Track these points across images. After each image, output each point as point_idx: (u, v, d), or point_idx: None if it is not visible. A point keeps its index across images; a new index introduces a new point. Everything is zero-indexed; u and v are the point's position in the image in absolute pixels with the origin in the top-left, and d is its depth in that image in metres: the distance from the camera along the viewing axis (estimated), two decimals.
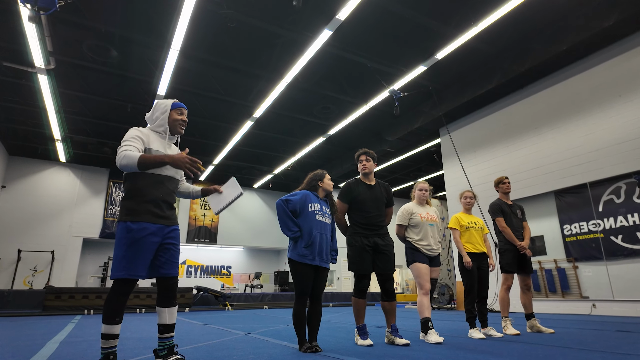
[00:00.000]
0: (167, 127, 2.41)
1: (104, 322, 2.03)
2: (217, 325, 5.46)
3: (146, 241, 2.13)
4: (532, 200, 8.81)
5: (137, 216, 2.15)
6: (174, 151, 2.46)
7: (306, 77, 8.89)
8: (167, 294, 2.26)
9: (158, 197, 2.24)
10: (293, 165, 14.94)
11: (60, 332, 4.59)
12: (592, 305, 7.48)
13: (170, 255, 2.27)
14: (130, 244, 2.09)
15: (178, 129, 2.45)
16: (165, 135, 2.41)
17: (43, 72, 8.18)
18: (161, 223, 2.23)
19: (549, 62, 8.01)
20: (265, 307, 11.02)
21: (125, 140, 2.24)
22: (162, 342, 2.23)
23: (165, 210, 2.27)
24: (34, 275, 13.19)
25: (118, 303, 2.07)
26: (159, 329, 2.24)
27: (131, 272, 2.07)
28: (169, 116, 2.42)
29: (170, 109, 2.44)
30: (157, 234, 2.19)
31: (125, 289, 2.09)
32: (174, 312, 2.29)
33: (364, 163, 3.66)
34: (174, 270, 2.28)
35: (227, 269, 18.37)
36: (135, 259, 2.09)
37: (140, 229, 2.12)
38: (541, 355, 2.71)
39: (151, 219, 2.18)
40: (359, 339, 3.38)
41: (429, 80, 9.15)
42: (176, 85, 9.13)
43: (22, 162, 13.84)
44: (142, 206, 2.18)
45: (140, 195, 2.21)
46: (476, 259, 4.13)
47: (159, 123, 2.40)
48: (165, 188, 2.29)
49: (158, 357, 2.21)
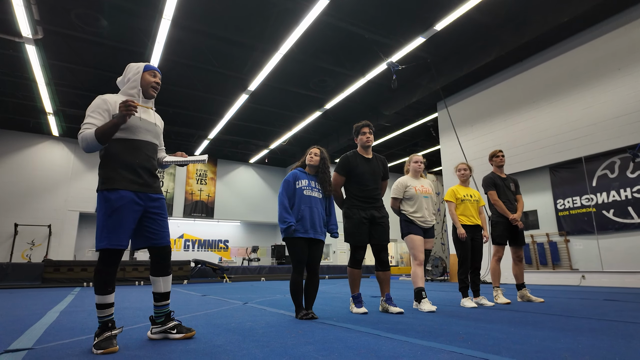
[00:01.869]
0: (140, 88, 2.30)
1: (96, 292, 2.04)
2: (215, 296, 5.56)
3: (125, 209, 2.07)
4: (527, 175, 8.87)
5: (113, 184, 2.07)
6: (150, 115, 2.35)
7: (302, 49, 8.69)
8: (160, 263, 2.26)
9: (134, 162, 2.15)
10: (289, 140, 14.85)
11: (60, 303, 4.67)
12: (582, 277, 7.68)
13: (159, 224, 2.23)
14: (109, 213, 2.04)
15: (151, 92, 2.33)
16: (139, 97, 2.30)
17: (31, 42, 7.94)
18: (141, 191, 2.15)
19: (548, 35, 7.87)
20: (262, 279, 11.22)
21: (86, 115, 2.13)
22: (158, 310, 2.26)
23: (145, 177, 2.19)
24: (32, 249, 13.28)
25: (107, 273, 2.05)
26: (155, 297, 2.27)
27: (113, 242, 2.02)
28: (141, 77, 2.31)
29: (142, 70, 2.32)
30: (137, 202, 2.13)
31: (111, 259, 2.06)
32: (169, 281, 2.30)
33: (368, 135, 3.64)
34: (164, 239, 2.26)
35: (225, 242, 18.57)
36: (116, 229, 2.03)
37: (118, 197, 2.06)
38: (530, 322, 2.80)
39: (129, 186, 2.10)
40: (354, 307, 3.46)
41: (427, 52, 8.98)
42: (169, 56, 8.91)
43: (14, 136, 13.66)
44: (118, 173, 2.10)
45: (115, 162, 2.12)
46: (470, 231, 4.19)
47: (131, 85, 2.29)
48: (141, 154, 2.20)
49: (155, 324, 2.25)
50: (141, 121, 2.25)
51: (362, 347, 1.99)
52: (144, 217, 2.20)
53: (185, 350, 1.93)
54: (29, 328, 2.71)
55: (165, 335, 2.22)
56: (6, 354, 1.89)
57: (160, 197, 2.29)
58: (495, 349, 1.89)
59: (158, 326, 2.24)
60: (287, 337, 2.26)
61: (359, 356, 1.78)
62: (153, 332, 2.25)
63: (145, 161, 2.21)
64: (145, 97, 2.34)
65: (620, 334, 2.29)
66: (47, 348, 2.03)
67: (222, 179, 17.84)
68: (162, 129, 2.49)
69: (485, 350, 1.87)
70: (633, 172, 7.15)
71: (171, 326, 2.22)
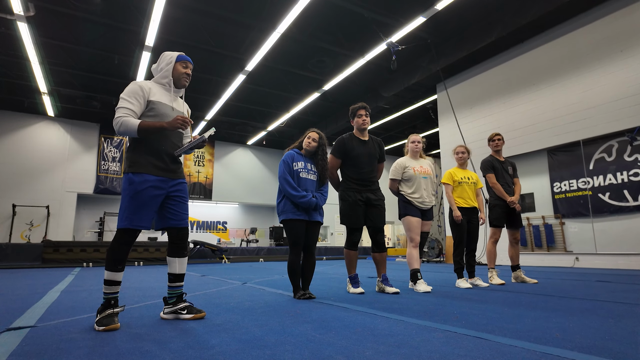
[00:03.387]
0: (171, 78, 2.36)
1: (106, 269, 2.10)
2: (214, 276, 5.63)
3: (148, 193, 2.15)
4: (525, 158, 8.88)
5: (139, 168, 2.16)
6: (180, 105, 2.44)
7: (300, 28, 8.53)
8: (177, 244, 2.32)
9: (160, 149, 2.23)
10: (287, 122, 14.75)
11: (61, 283, 4.72)
12: (576, 259, 7.80)
13: (179, 206, 2.31)
14: (132, 195, 2.12)
15: (182, 82, 2.39)
16: (170, 87, 2.36)
17: (23, 20, 7.75)
18: (164, 176, 2.23)
19: (550, 15, 7.74)
20: (261, 260, 11.35)
21: (122, 99, 2.18)
22: (171, 291, 2.32)
23: (169, 164, 2.27)
24: (31, 230, 13.33)
25: (120, 251, 2.12)
26: (169, 277, 2.33)
27: (134, 223, 2.11)
28: (173, 68, 2.37)
29: (175, 60, 2.38)
30: (160, 187, 2.20)
31: (127, 238, 2.13)
32: (184, 263, 2.36)
33: (364, 118, 3.60)
34: (183, 221, 2.33)
35: (223, 224, 18.68)
36: (137, 211, 2.12)
37: (141, 181, 2.14)
38: (524, 302, 2.86)
39: (153, 171, 2.19)
40: (350, 287, 3.52)
41: (427, 32, 8.83)
42: (165, 35, 8.74)
43: (9, 116, 13.50)
44: (144, 158, 2.19)
45: (143, 147, 2.21)
46: (466, 213, 4.23)
47: (163, 74, 2.36)
48: (169, 141, 2.28)
49: (167, 305, 2.31)
50: (173, 111, 2.34)
51: (358, 325, 2.03)
52: (166, 199, 2.27)
53: (184, 329, 1.97)
54: (30, 307, 2.75)
55: (176, 315, 2.27)
56: (8, 331, 1.92)
57: (182, 181, 2.37)
58: (488, 328, 1.93)
59: (170, 306, 2.29)
60: (286, 316, 2.31)
61: (355, 334, 1.82)
62: (165, 312, 2.30)
63: (171, 148, 2.29)
64: (177, 87, 2.41)
65: (610, 314, 2.34)
66: (49, 326, 2.07)
67: (220, 160, 17.80)
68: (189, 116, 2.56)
69: (479, 329, 1.92)
70: (630, 156, 7.17)
71: (182, 307, 2.27)
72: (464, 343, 1.63)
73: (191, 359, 1.43)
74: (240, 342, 1.68)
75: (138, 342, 1.70)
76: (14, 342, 1.71)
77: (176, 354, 1.50)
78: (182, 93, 2.48)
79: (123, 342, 1.69)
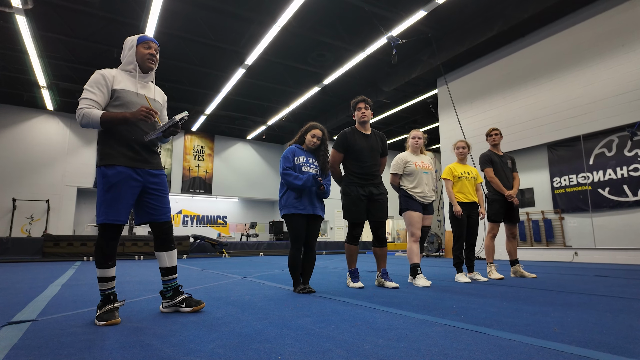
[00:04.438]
0: (136, 63, 2.25)
1: (97, 266, 2.08)
2: (214, 270, 5.65)
3: (123, 185, 2.08)
4: (525, 153, 8.88)
5: (110, 160, 2.08)
6: (150, 91, 2.32)
7: (300, 21, 8.48)
8: (163, 238, 2.29)
9: (131, 138, 2.15)
10: (287, 117, 14.71)
11: (62, 277, 4.74)
12: (574, 253, 7.82)
13: (159, 200, 2.24)
14: (107, 189, 2.06)
15: (147, 64, 2.26)
16: (135, 72, 2.25)
17: (21, 13, 7.70)
18: (138, 166, 2.15)
19: (552, 9, 7.68)
20: (260, 255, 11.38)
21: (84, 90, 2.10)
22: (166, 284, 2.31)
23: (142, 153, 2.19)
24: (31, 224, 13.36)
25: (107, 247, 2.08)
26: (161, 272, 2.31)
27: (111, 217, 2.05)
28: (136, 51, 2.25)
29: (136, 43, 2.26)
30: (134, 178, 2.13)
31: (110, 233, 2.09)
32: (173, 255, 2.33)
33: (363, 111, 3.58)
34: (165, 215, 2.28)
35: (223, 218, 18.71)
36: (113, 204, 2.05)
37: (115, 173, 2.07)
38: (522, 297, 2.87)
39: (125, 162, 2.11)
40: (350, 281, 3.53)
41: (428, 26, 8.78)
42: (164, 29, 8.69)
43: (8, 110, 13.47)
44: (115, 149, 2.10)
45: (111, 138, 2.12)
46: (466, 208, 4.23)
47: (127, 60, 2.25)
48: (137, 130, 2.17)
49: (165, 298, 2.31)
50: (138, 97, 2.22)
51: (358, 319, 2.04)
52: (144, 192, 2.20)
53: (185, 323, 1.98)
54: (31, 301, 2.76)
55: (175, 309, 2.28)
56: (10, 325, 1.93)
57: (160, 173, 2.29)
58: (486, 322, 1.94)
59: (168, 300, 2.29)
60: (286, 310, 2.32)
61: (354, 328, 1.83)
62: (164, 306, 2.31)
63: (142, 137, 2.19)
64: (143, 72, 2.29)
65: (608, 308, 2.36)
66: (50, 320, 2.08)
67: (220, 155, 17.78)
68: (163, 104, 2.45)
69: (477, 323, 1.93)
70: (630, 151, 7.16)
71: (180, 300, 2.27)
72: (462, 337, 1.64)
73: (192, 352, 1.44)
74: (241, 335, 1.69)
75: (139, 335, 1.71)
76: (16, 335, 1.72)
77: (177, 347, 1.51)
78: (152, 77, 2.34)
79: (124, 336, 1.70)
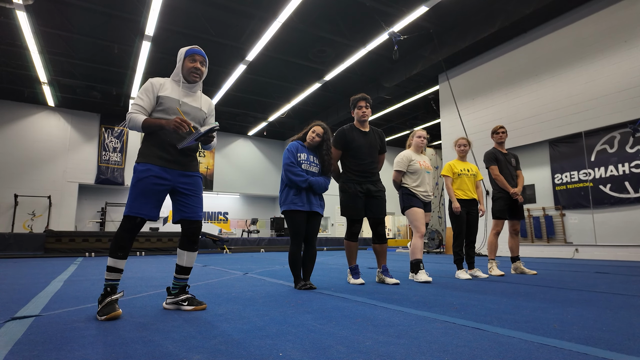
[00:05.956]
0: (181, 75, 2.36)
1: (109, 255, 2.15)
2: (215, 267, 5.68)
3: (149, 182, 2.17)
4: (527, 149, 8.86)
5: (143, 158, 2.22)
6: (197, 100, 2.42)
7: (301, 17, 8.45)
8: (189, 238, 2.36)
9: (165, 141, 2.26)
10: (288, 113, 14.69)
11: (64, 272, 4.76)
12: (575, 250, 7.83)
13: (190, 199, 2.33)
14: (134, 183, 2.18)
15: (191, 77, 2.35)
16: (180, 83, 2.37)
17: (22, 9, 7.69)
18: (169, 167, 2.25)
19: (554, 5, 7.65)
20: (262, 251, 11.41)
21: (136, 96, 2.27)
22: (176, 282, 2.36)
23: (176, 155, 2.28)
24: (33, 220, 13.40)
25: (123, 238, 2.15)
26: (176, 269, 2.37)
27: (134, 211, 2.15)
28: (182, 64, 2.36)
29: (184, 56, 2.36)
30: (163, 177, 2.22)
31: (130, 225, 2.16)
32: (193, 257, 2.40)
33: (364, 110, 3.58)
34: (196, 214, 2.35)
35: (224, 215, 18.74)
36: (139, 199, 2.16)
37: (144, 169, 2.18)
38: (522, 293, 2.88)
39: (157, 161, 2.22)
40: (351, 278, 3.55)
41: (430, 22, 8.74)
42: (165, 25, 8.67)
43: (10, 106, 13.48)
44: (150, 149, 2.24)
45: (150, 139, 2.27)
46: (466, 205, 4.24)
47: (176, 72, 2.38)
48: (175, 135, 2.28)
49: (170, 295, 2.35)
50: (180, 106, 2.32)
51: (358, 315, 2.05)
52: (176, 192, 2.30)
53: (187, 319, 2.00)
54: (34, 296, 2.78)
55: (177, 306, 2.31)
56: (14, 320, 1.95)
57: (193, 175, 2.38)
58: (486, 319, 1.95)
59: (172, 297, 2.33)
60: (287, 307, 2.33)
61: (355, 324, 1.84)
62: (167, 302, 2.34)
63: (177, 141, 2.28)
64: (188, 83, 2.38)
65: (608, 305, 2.36)
66: (54, 315, 2.10)
67: (221, 151, 17.78)
68: (209, 112, 2.52)
69: (477, 319, 1.94)
70: (632, 147, 7.15)
71: (183, 298, 2.30)
72: (462, 334, 1.65)
73: (194, 348, 1.45)
74: (242, 332, 1.70)
75: (141, 331, 1.73)
76: (20, 330, 1.73)
77: (179, 343, 1.52)
78: (199, 87, 2.44)
79: (126, 331, 1.71)
